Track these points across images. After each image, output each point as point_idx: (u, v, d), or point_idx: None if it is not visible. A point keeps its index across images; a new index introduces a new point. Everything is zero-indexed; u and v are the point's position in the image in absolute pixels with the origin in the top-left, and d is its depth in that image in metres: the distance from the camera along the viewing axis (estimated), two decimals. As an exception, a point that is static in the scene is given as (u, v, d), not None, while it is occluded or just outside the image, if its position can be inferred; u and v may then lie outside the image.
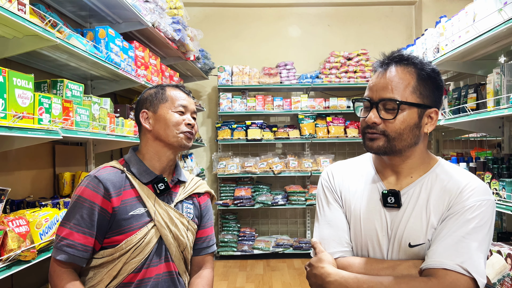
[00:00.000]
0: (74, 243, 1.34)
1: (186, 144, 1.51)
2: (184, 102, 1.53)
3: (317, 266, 1.17)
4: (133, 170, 1.47)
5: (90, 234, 1.37)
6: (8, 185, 2.11)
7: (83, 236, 1.35)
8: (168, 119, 1.49)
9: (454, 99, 3.11)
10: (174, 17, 3.67)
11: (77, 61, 2.41)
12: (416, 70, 1.16)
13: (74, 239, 1.35)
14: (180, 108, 1.52)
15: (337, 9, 5.65)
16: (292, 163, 5.14)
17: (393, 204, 1.17)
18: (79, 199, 1.38)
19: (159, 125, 1.49)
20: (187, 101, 1.55)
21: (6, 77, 1.51)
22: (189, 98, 1.58)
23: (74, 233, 1.35)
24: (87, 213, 1.36)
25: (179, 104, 1.52)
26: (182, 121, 1.50)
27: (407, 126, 1.14)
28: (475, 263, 1.05)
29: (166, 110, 1.50)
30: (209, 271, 1.58)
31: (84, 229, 1.35)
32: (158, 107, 1.51)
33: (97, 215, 1.37)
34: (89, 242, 1.36)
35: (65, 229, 1.36)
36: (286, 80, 5.28)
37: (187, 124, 1.51)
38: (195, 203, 1.58)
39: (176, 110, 1.51)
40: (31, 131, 1.66)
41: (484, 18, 2.46)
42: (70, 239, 1.34)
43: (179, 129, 1.49)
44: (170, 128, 1.48)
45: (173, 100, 1.52)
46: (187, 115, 1.53)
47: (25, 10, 1.65)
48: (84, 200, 1.37)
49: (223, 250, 5.03)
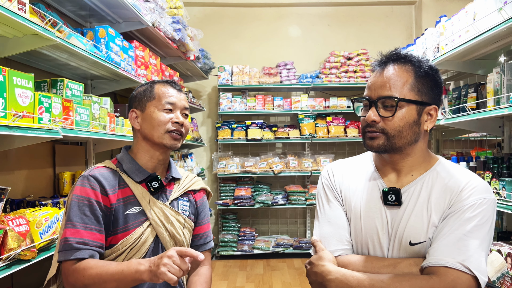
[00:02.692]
0: (85, 240, 1.30)
1: (173, 144, 1.46)
2: (172, 99, 1.48)
3: (318, 264, 1.17)
4: (126, 169, 1.45)
5: (98, 230, 1.33)
6: (8, 184, 2.11)
7: (91, 233, 1.32)
8: (153, 118, 1.45)
9: (454, 99, 3.11)
10: (174, 16, 3.67)
11: (77, 61, 2.41)
12: (414, 68, 1.17)
13: (83, 237, 1.30)
14: (168, 105, 1.46)
15: (337, 9, 5.65)
16: (292, 163, 5.14)
17: (393, 202, 1.17)
18: (77, 198, 1.35)
19: (146, 125, 1.47)
20: (176, 98, 1.49)
21: (6, 76, 1.51)
22: (179, 94, 1.51)
23: (81, 231, 1.31)
24: (89, 210, 1.33)
25: (166, 101, 1.46)
26: (168, 120, 1.45)
27: (406, 123, 1.15)
28: (477, 261, 1.05)
29: (153, 109, 1.46)
30: (207, 268, 1.57)
31: (91, 226, 1.32)
32: (145, 106, 1.48)
33: (100, 211, 1.35)
34: (98, 239, 1.33)
35: (71, 229, 1.31)
36: (286, 80, 5.28)
37: (174, 122, 1.46)
38: (191, 200, 1.57)
39: (163, 108, 1.46)
40: (31, 131, 1.66)
41: (484, 17, 2.47)
42: (78, 237, 1.30)
43: (165, 129, 1.44)
44: (156, 128, 1.44)
45: (160, 98, 1.47)
46: (175, 113, 1.47)
47: (25, 10, 1.65)
48: (83, 198, 1.34)
49: (223, 249, 5.03)
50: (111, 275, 1.24)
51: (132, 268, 1.23)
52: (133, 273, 1.22)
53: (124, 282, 1.24)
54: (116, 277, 1.24)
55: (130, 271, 1.23)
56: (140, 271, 1.21)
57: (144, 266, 1.21)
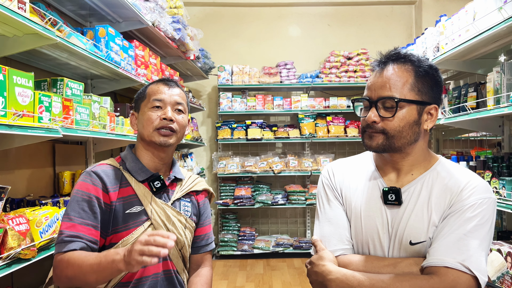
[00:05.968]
0: (78, 234, 1.29)
1: (162, 141, 1.43)
2: (161, 95, 1.45)
3: (318, 263, 1.17)
4: (128, 168, 1.45)
5: (94, 226, 1.33)
6: (8, 183, 2.10)
7: (87, 228, 1.31)
8: (143, 118, 1.45)
9: (454, 98, 3.10)
10: (174, 16, 3.67)
11: (77, 60, 2.41)
12: (414, 68, 1.16)
13: (77, 230, 1.30)
14: (156, 103, 1.44)
15: (337, 8, 5.65)
16: (292, 163, 5.14)
17: (393, 201, 1.17)
18: (78, 193, 1.35)
19: (139, 125, 1.48)
20: (165, 94, 1.46)
21: (6, 75, 1.51)
22: (171, 90, 1.48)
23: (77, 225, 1.30)
24: (88, 206, 1.33)
25: (154, 99, 1.45)
26: (156, 118, 1.43)
27: (406, 124, 1.14)
28: (477, 261, 1.05)
29: (144, 109, 1.46)
30: (208, 269, 1.57)
31: (87, 221, 1.32)
32: (140, 107, 1.49)
33: (98, 208, 1.34)
34: (93, 235, 1.32)
35: (67, 223, 1.31)
36: (286, 80, 5.28)
37: (162, 118, 1.43)
38: (193, 201, 1.56)
39: (151, 106, 1.44)
40: (31, 130, 1.66)
41: (484, 16, 2.46)
42: (73, 231, 1.29)
43: (153, 126, 1.43)
44: (145, 127, 1.44)
45: (150, 96, 1.46)
46: (165, 109, 1.44)
47: (25, 9, 1.65)
48: (83, 193, 1.35)
49: (223, 249, 5.03)
50: (90, 266, 1.20)
51: (109, 258, 1.18)
52: (110, 263, 1.17)
53: (103, 274, 1.20)
54: (95, 268, 1.20)
55: (107, 262, 1.18)
56: (116, 260, 1.15)
57: (119, 256, 1.15)
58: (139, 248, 1.09)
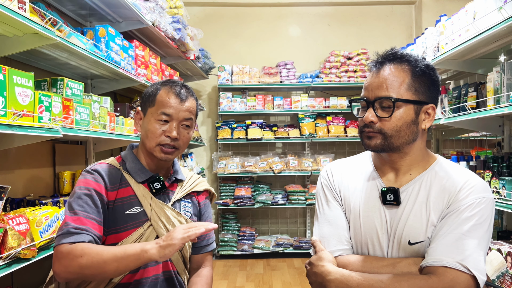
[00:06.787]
0: (86, 228, 1.27)
1: (163, 157, 1.40)
2: (170, 110, 1.39)
3: (317, 264, 1.17)
4: (128, 168, 1.44)
5: (98, 222, 1.32)
6: (8, 183, 2.10)
7: (92, 222, 1.29)
8: (148, 127, 1.41)
9: (454, 98, 3.10)
10: (174, 16, 3.67)
11: (77, 60, 2.41)
12: (410, 67, 1.16)
13: (84, 224, 1.27)
14: (163, 116, 1.39)
15: (337, 8, 5.65)
16: (292, 163, 5.14)
17: (392, 201, 1.17)
18: (80, 189, 1.34)
19: (143, 131, 1.45)
20: (174, 109, 1.40)
21: (6, 75, 1.51)
22: (182, 104, 1.41)
23: (83, 219, 1.28)
24: (91, 201, 1.32)
25: (162, 112, 1.39)
26: (161, 133, 1.39)
27: (404, 123, 1.15)
28: (475, 260, 1.06)
29: (150, 117, 1.41)
30: (208, 269, 1.57)
31: (92, 215, 1.30)
32: (146, 111, 1.44)
33: (100, 203, 1.34)
34: (97, 229, 1.30)
35: (72, 216, 1.28)
36: (286, 80, 5.28)
37: (166, 135, 1.39)
38: (194, 201, 1.56)
39: (158, 118, 1.39)
40: (31, 129, 1.66)
41: (484, 16, 2.46)
42: (80, 224, 1.27)
43: (156, 141, 1.39)
44: (148, 138, 1.40)
45: (159, 106, 1.40)
46: (171, 125, 1.40)
47: (25, 8, 1.65)
48: (85, 188, 1.34)
49: (223, 249, 5.03)
50: (113, 254, 1.20)
51: (137, 246, 1.20)
52: (138, 250, 1.19)
53: (125, 262, 1.20)
54: (119, 255, 1.19)
55: (135, 249, 1.19)
56: (145, 249, 1.18)
57: (150, 244, 1.19)
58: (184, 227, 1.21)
